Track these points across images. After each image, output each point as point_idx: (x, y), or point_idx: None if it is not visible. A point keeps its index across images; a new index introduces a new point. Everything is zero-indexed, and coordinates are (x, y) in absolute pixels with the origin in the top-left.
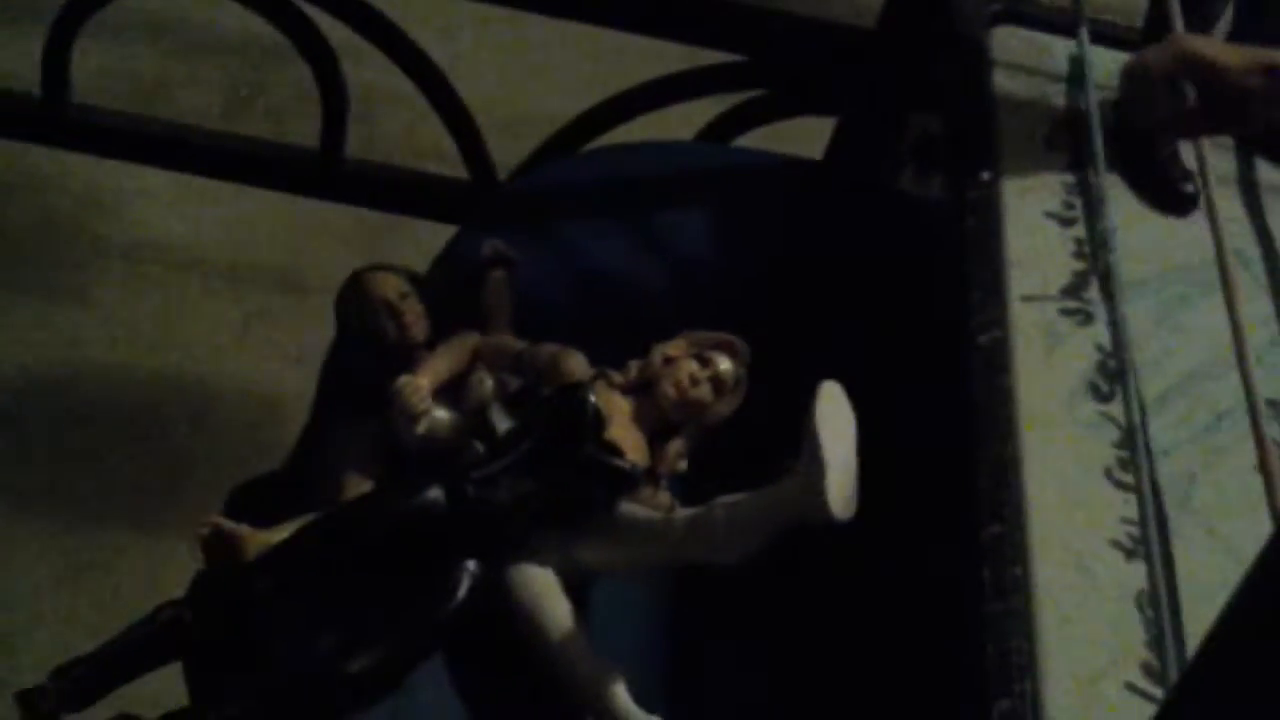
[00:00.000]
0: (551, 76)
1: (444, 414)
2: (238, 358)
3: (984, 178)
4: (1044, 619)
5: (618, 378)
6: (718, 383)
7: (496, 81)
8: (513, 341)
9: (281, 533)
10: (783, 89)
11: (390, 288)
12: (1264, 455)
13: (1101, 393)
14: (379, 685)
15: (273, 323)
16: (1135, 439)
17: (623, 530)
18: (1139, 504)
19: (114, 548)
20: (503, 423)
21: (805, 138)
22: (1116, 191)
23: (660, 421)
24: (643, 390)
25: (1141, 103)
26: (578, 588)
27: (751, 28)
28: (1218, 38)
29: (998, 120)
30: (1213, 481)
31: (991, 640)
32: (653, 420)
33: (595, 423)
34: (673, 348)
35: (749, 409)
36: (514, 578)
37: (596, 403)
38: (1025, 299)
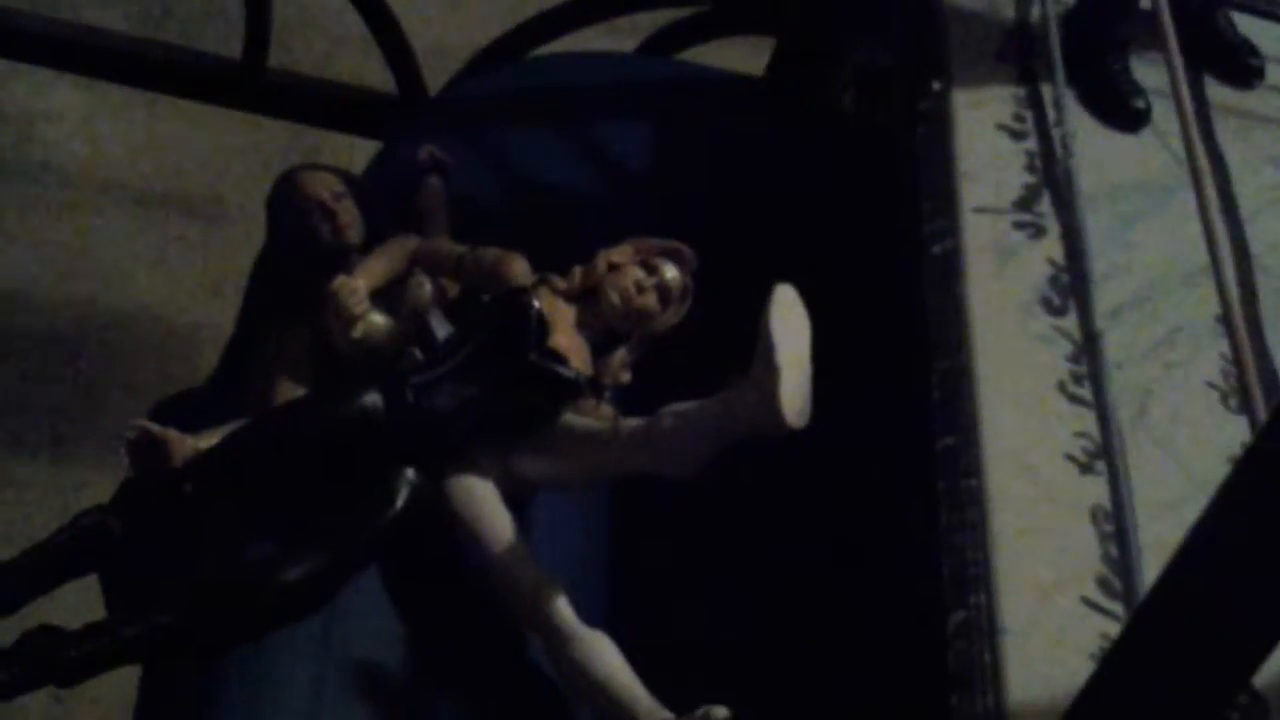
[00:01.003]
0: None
1: (380, 318)
2: (153, 286)
3: (935, 88)
4: (999, 531)
5: (561, 284)
6: (664, 291)
7: (415, 10)
8: (451, 246)
9: (212, 438)
10: (721, 5)
11: (324, 187)
12: (1243, 365)
13: (1054, 306)
14: (313, 594)
15: (190, 251)
16: (1089, 353)
17: (565, 441)
18: (1096, 419)
19: (25, 475)
20: (441, 328)
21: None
22: (1067, 106)
23: (604, 330)
24: (587, 297)
25: None
26: (517, 501)
27: None
28: None
29: (947, 32)
30: (1166, 397)
31: (946, 552)
32: (597, 328)
33: (539, 329)
34: (618, 254)
35: (689, 323)
36: (453, 488)
37: (540, 308)
38: (977, 210)
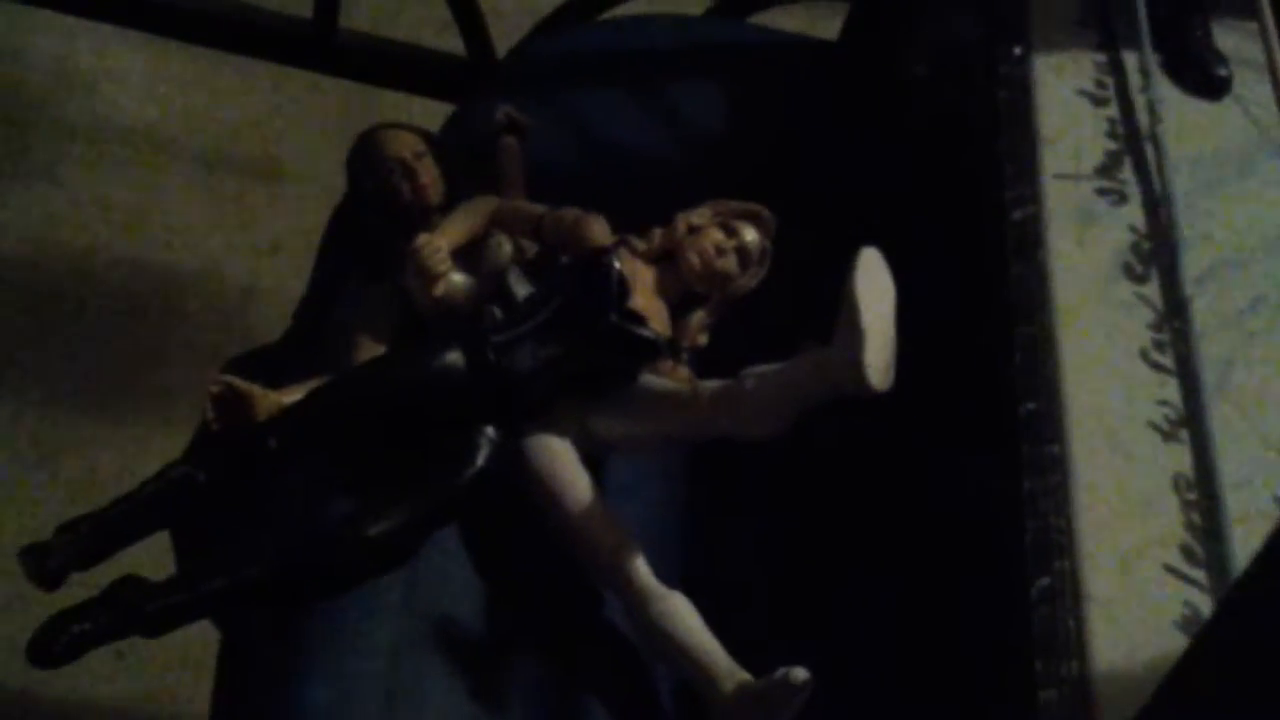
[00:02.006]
0: None
1: (461, 277)
2: (211, 245)
3: (1015, 53)
4: (1081, 498)
5: (640, 245)
6: (743, 253)
7: None
8: (530, 206)
9: (294, 394)
10: None
11: (406, 146)
12: None
13: (1136, 273)
14: (395, 550)
15: (248, 211)
16: (1172, 320)
17: (644, 402)
18: (1179, 386)
19: (88, 432)
20: (521, 288)
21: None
22: (1153, 73)
23: (682, 292)
24: (665, 259)
25: None
26: (593, 462)
27: None
28: None
29: None
30: (1249, 366)
31: (1030, 517)
32: (675, 291)
33: (620, 290)
34: (697, 216)
35: (762, 286)
36: (532, 447)
37: (621, 269)
38: (1058, 177)
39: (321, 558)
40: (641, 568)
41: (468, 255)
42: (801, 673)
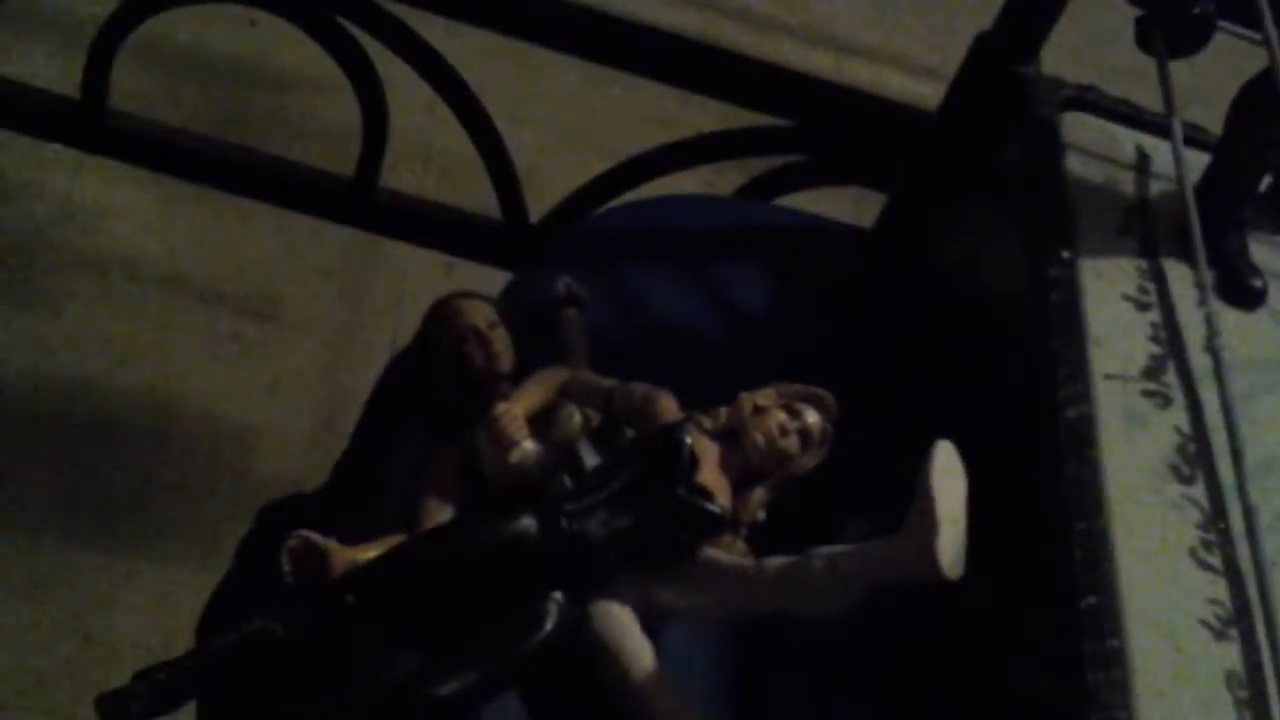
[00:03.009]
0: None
1: (533, 445)
2: (207, 382)
3: (1065, 256)
4: (1141, 693)
5: (707, 422)
6: (805, 435)
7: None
8: (599, 379)
9: (369, 551)
10: (830, 157)
11: (481, 316)
12: None
13: (1183, 475)
14: (461, 710)
15: (245, 350)
16: (1218, 521)
17: (708, 574)
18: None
19: (75, 563)
20: (590, 458)
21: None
22: (1184, 282)
23: (744, 469)
24: (729, 437)
25: None
26: (651, 630)
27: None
28: None
29: (1072, 202)
30: None
31: (1095, 709)
32: (737, 467)
33: (690, 465)
34: (763, 397)
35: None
36: (596, 614)
37: (691, 445)
38: (1108, 377)
39: (391, 715)
40: None
41: (536, 424)
42: None
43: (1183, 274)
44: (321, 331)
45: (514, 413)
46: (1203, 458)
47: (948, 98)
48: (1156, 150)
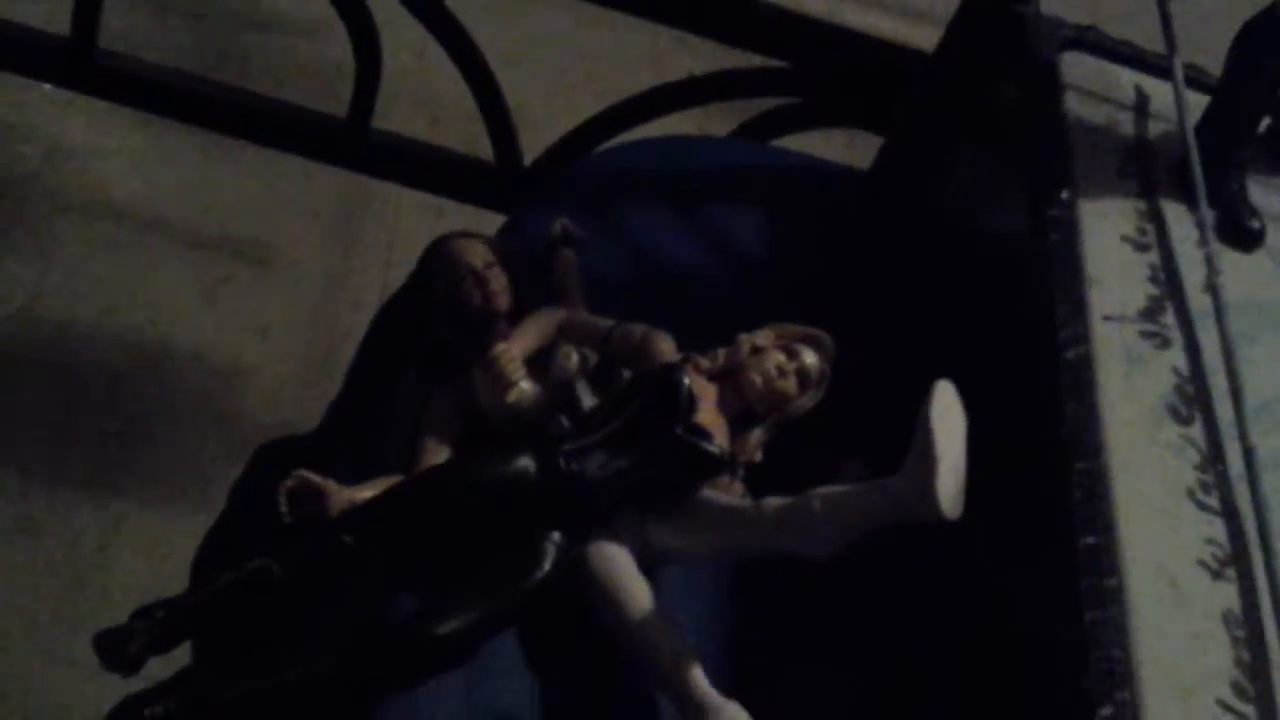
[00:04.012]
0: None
1: (530, 386)
2: (200, 325)
3: (1064, 197)
4: (1139, 632)
5: (705, 363)
6: (803, 376)
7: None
8: (596, 319)
9: (366, 491)
10: (825, 99)
11: (478, 255)
12: None
13: (1181, 416)
14: (459, 649)
15: (237, 292)
16: (1216, 463)
17: (705, 515)
18: (1225, 526)
19: (68, 506)
20: (587, 398)
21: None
22: (1183, 224)
23: (742, 410)
24: (726, 377)
25: None
26: (647, 571)
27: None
28: None
29: (1071, 144)
30: None
31: (1093, 648)
32: (735, 408)
33: (688, 405)
34: (761, 338)
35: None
36: (593, 554)
37: (689, 385)
38: (1106, 318)
39: (390, 653)
40: (699, 677)
41: (533, 364)
42: None
43: (1182, 215)
44: (313, 274)
45: (511, 353)
46: (1201, 399)
47: (946, 36)
48: (1156, 91)
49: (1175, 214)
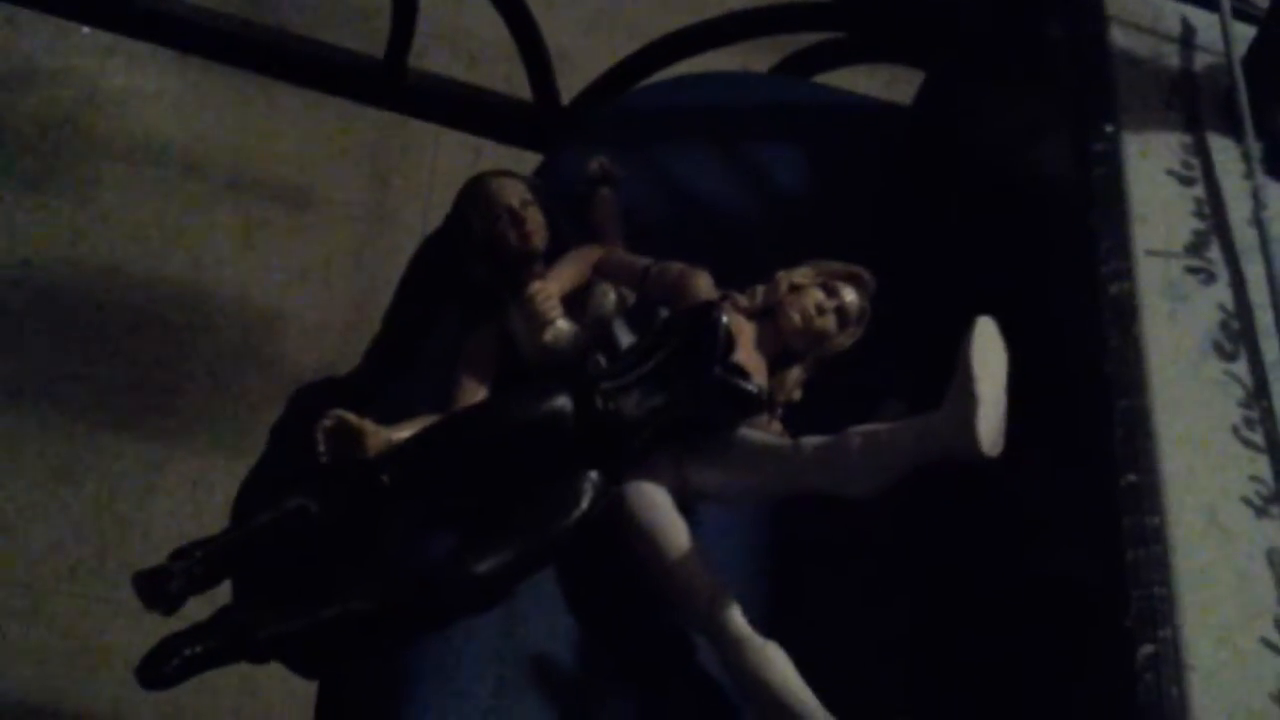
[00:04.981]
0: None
1: (567, 324)
2: (238, 268)
3: (1108, 130)
4: (1181, 569)
5: (743, 301)
6: (842, 314)
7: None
8: (633, 257)
9: (403, 430)
10: (868, 34)
11: (515, 194)
12: None
13: (1225, 351)
14: (498, 589)
15: (275, 236)
16: (1261, 399)
17: (744, 454)
18: (1270, 463)
19: (108, 449)
20: (625, 337)
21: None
22: (1229, 157)
23: (779, 348)
24: (765, 316)
25: None
26: (686, 510)
27: None
28: None
29: (1115, 77)
30: None
31: (1135, 586)
32: (773, 347)
33: (726, 344)
34: (800, 275)
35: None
36: (631, 493)
37: (727, 323)
38: (1150, 253)
39: (429, 592)
40: (737, 615)
41: (570, 303)
42: None
43: (1227, 148)
44: (351, 217)
45: (548, 291)
46: (1246, 334)
47: None
48: (1202, 22)
49: (1221, 147)
